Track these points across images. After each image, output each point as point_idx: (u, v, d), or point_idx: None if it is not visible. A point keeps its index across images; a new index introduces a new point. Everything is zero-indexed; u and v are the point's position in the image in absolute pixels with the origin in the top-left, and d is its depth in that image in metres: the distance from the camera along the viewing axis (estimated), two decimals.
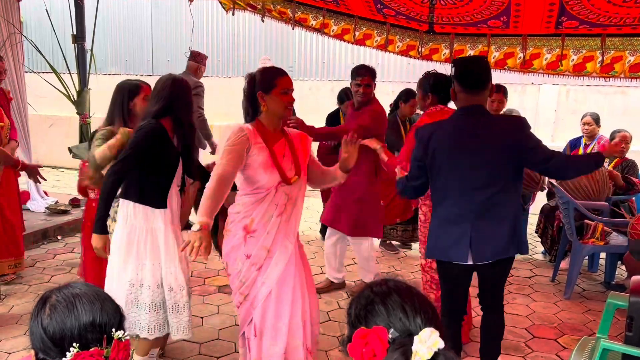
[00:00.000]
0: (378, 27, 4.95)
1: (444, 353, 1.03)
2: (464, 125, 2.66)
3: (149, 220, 2.79)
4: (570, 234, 4.49)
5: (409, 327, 1.09)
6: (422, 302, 1.15)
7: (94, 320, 1.24)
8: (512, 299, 4.35)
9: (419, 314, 1.11)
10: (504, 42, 4.77)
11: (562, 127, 7.03)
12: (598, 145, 5.42)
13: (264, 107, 2.58)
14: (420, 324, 1.09)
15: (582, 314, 4.10)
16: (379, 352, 1.04)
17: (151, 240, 2.79)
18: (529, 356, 3.46)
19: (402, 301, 1.13)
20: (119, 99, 3.11)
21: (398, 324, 1.09)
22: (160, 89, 2.82)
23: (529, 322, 3.94)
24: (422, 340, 1.02)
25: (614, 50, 4.37)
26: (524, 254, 2.71)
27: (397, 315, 1.11)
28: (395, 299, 1.13)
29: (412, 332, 1.07)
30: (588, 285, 4.72)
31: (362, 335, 1.07)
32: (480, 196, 2.57)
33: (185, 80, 2.92)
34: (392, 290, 1.16)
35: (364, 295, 1.20)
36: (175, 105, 2.79)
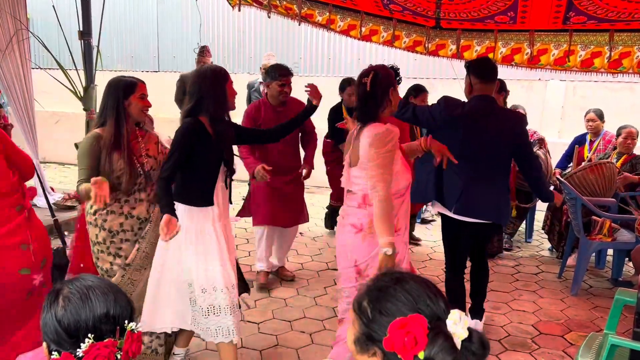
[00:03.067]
0: (384, 23, 4.93)
1: (474, 330, 1.07)
2: (480, 109, 3.28)
3: (198, 221, 2.72)
4: (578, 230, 4.47)
5: (436, 312, 1.09)
6: (435, 287, 1.15)
7: (108, 312, 1.26)
8: (518, 296, 4.34)
9: (440, 297, 1.12)
10: (511, 38, 4.74)
11: (569, 123, 6.99)
12: (603, 141, 5.39)
13: (393, 104, 2.65)
14: (444, 307, 1.10)
15: (589, 311, 4.09)
16: (420, 340, 1.03)
17: (202, 241, 2.72)
18: (535, 352, 3.45)
19: (421, 287, 1.13)
20: (112, 97, 2.72)
21: (427, 310, 1.09)
22: (190, 86, 2.79)
23: (536, 319, 3.93)
24: (456, 321, 1.05)
25: (622, 46, 4.34)
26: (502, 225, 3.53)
27: (424, 301, 1.10)
28: (415, 286, 1.13)
29: (439, 316, 1.08)
30: (595, 281, 4.70)
31: (402, 325, 1.05)
32: (478, 168, 3.23)
33: (215, 72, 2.77)
34: (408, 278, 1.15)
35: (376, 287, 1.17)
36: (207, 101, 2.71)
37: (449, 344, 1.03)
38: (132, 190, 2.76)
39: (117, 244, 2.78)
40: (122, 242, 2.79)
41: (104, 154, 2.64)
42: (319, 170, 5.04)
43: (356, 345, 1.16)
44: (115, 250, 2.79)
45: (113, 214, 2.75)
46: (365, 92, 2.61)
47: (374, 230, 2.55)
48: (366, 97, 2.61)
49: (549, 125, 7.02)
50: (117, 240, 2.78)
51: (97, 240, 2.79)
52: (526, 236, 5.83)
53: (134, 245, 2.81)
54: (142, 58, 9.31)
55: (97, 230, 2.77)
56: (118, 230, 2.77)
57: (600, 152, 5.36)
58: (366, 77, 2.61)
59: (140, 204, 2.80)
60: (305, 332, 3.64)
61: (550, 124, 7.04)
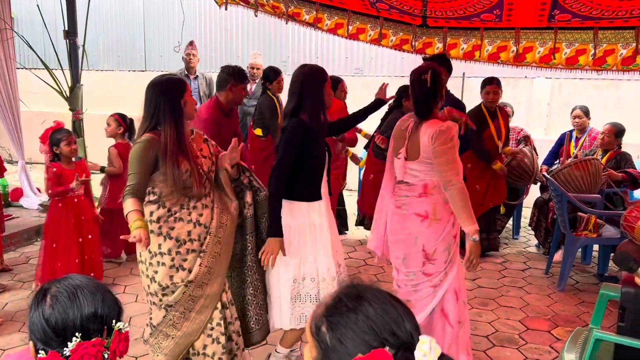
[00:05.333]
0: (371, 22, 4.95)
1: (445, 358, 0.96)
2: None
3: (308, 215, 2.83)
4: (564, 226, 4.51)
5: (403, 339, 0.96)
6: (400, 303, 1.03)
7: (96, 311, 1.26)
8: (506, 292, 4.37)
9: (406, 318, 0.99)
10: (497, 36, 4.78)
11: (555, 120, 7.05)
12: (589, 137, 5.44)
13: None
14: (411, 331, 0.98)
15: (576, 306, 4.13)
16: None
17: (310, 234, 2.83)
18: (522, 348, 3.49)
19: (385, 309, 0.99)
20: (168, 98, 2.50)
21: (392, 339, 0.96)
22: (291, 85, 2.84)
23: (523, 315, 3.96)
24: (426, 352, 0.92)
25: (606, 44, 4.39)
26: None
27: (389, 327, 0.97)
28: (377, 309, 0.99)
29: (406, 343, 0.96)
30: (581, 277, 4.75)
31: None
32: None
33: (313, 70, 2.84)
34: (370, 299, 1.01)
35: (336, 310, 1.02)
36: (306, 101, 2.78)
37: None
38: (202, 194, 2.59)
39: (183, 255, 2.51)
40: (188, 252, 2.52)
41: (166, 159, 2.43)
42: None
43: None
44: (179, 263, 2.51)
45: (181, 221, 2.51)
46: (427, 89, 2.74)
47: (439, 217, 2.78)
48: (427, 94, 2.75)
49: (536, 122, 7.07)
50: (182, 250, 2.51)
51: (159, 250, 2.49)
52: (513, 233, 5.87)
53: (198, 257, 2.56)
54: (128, 57, 9.25)
55: (162, 239, 2.49)
56: (185, 240, 2.52)
57: (586, 149, 5.40)
58: (426, 74, 2.74)
59: (206, 210, 2.58)
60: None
61: (537, 121, 7.10)
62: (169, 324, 2.56)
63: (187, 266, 2.52)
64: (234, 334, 2.74)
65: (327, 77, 2.87)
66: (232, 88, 3.97)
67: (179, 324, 2.56)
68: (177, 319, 2.55)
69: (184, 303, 2.54)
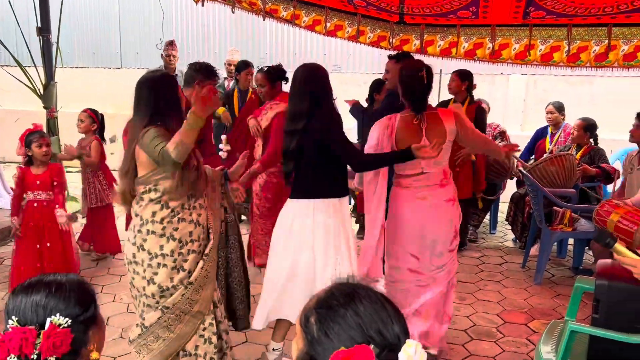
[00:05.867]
0: (349, 18, 4.95)
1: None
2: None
3: (342, 211, 2.92)
4: (540, 220, 4.58)
5: (389, 340, 0.97)
6: (393, 306, 1.03)
7: (40, 302, 1.24)
8: (483, 286, 4.42)
9: (395, 322, 0.99)
10: (473, 33, 4.82)
11: (531, 116, 7.14)
12: (564, 133, 5.53)
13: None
14: (399, 334, 0.98)
15: (552, 299, 4.20)
16: None
17: (343, 230, 2.89)
18: (500, 341, 3.53)
19: (375, 309, 1.00)
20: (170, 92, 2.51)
21: (378, 338, 0.96)
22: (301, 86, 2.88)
23: (500, 308, 4.02)
24: (410, 356, 0.92)
25: (579, 40, 4.46)
26: None
27: (376, 326, 0.98)
28: (367, 307, 1.00)
29: (392, 344, 0.96)
30: (557, 270, 4.83)
31: (345, 357, 0.91)
32: None
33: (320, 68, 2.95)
34: (361, 296, 1.02)
35: (326, 304, 1.03)
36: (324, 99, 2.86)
37: None
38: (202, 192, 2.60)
39: (184, 256, 2.50)
40: (189, 253, 2.51)
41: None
42: None
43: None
44: (180, 264, 2.49)
45: (184, 221, 2.49)
46: (424, 85, 2.99)
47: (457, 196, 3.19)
48: (424, 90, 3.01)
49: (511, 118, 7.16)
50: (184, 251, 2.50)
51: (161, 252, 2.45)
52: (490, 227, 5.94)
53: (201, 259, 2.56)
54: (104, 54, 9.11)
55: (165, 240, 2.45)
56: (187, 240, 2.50)
57: (561, 144, 5.49)
58: (421, 72, 2.97)
59: (202, 210, 2.59)
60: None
61: (513, 117, 7.19)
62: (162, 325, 2.50)
63: (187, 267, 2.50)
64: (224, 332, 2.72)
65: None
66: (200, 85, 3.91)
67: (173, 326, 2.52)
68: (172, 321, 2.51)
69: (181, 306, 2.50)
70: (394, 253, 3.20)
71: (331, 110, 2.90)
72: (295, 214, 2.88)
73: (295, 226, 2.86)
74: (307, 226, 2.83)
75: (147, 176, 2.45)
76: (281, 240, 2.93)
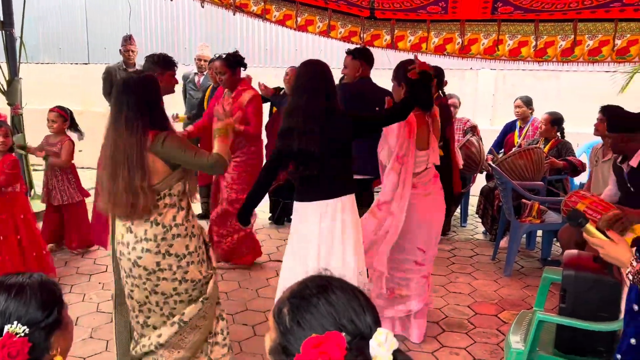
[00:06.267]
0: (320, 13, 4.94)
1: (401, 353, 0.98)
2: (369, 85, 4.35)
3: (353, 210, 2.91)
4: (509, 213, 4.66)
5: (361, 328, 0.99)
6: (365, 298, 1.05)
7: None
8: (454, 278, 4.48)
9: (367, 312, 1.01)
10: (442, 28, 4.86)
11: (500, 111, 7.24)
12: (532, 127, 5.63)
13: None
14: (370, 324, 1.00)
15: (521, 290, 4.28)
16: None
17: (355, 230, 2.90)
18: (471, 332, 3.59)
19: (348, 299, 1.02)
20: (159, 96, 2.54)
21: (350, 326, 0.98)
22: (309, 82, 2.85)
23: (472, 300, 4.08)
24: (380, 343, 0.94)
25: (546, 36, 4.53)
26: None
27: (348, 315, 0.99)
28: (341, 297, 1.02)
29: (363, 333, 0.98)
30: (526, 262, 4.92)
31: (317, 343, 0.93)
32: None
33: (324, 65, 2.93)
34: (335, 287, 1.04)
35: (299, 294, 1.05)
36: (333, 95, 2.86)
37: None
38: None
39: (202, 248, 2.63)
40: (203, 244, 2.65)
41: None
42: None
43: (271, 355, 1.06)
44: (202, 256, 2.61)
45: (194, 217, 2.63)
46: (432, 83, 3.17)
47: None
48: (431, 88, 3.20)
49: (481, 113, 7.25)
50: (201, 243, 2.62)
51: (189, 251, 2.52)
52: (461, 221, 6.02)
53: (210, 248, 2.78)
54: (70, 49, 8.91)
55: (189, 240, 2.52)
56: (199, 234, 2.62)
57: (529, 138, 5.59)
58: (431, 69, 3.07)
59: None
60: (248, 324, 3.63)
61: (482, 112, 7.28)
62: (200, 315, 2.60)
63: (206, 257, 2.65)
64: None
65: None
66: (159, 77, 3.85)
67: (208, 313, 2.65)
68: (207, 309, 2.63)
69: (213, 292, 2.66)
70: (401, 248, 3.30)
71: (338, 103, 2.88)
72: (322, 214, 2.79)
73: (325, 226, 2.79)
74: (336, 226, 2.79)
75: (163, 182, 2.44)
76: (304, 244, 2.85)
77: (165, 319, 2.58)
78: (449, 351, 3.35)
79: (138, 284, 2.51)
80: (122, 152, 2.37)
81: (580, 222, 1.62)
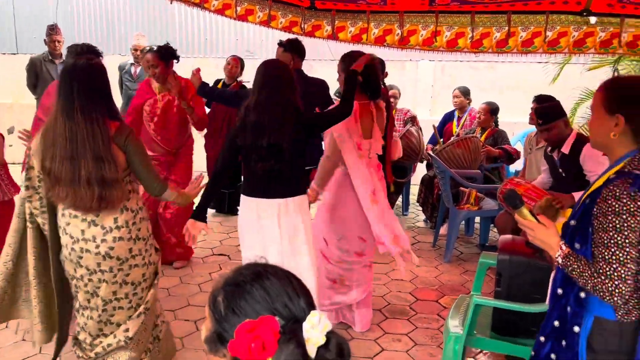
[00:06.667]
0: (260, 3, 4.86)
1: (334, 334, 0.98)
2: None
3: (307, 207, 2.97)
4: (447, 200, 4.77)
5: (294, 312, 1.00)
6: (300, 283, 1.07)
7: None
8: (396, 266, 4.53)
9: (301, 296, 1.03)
10: (382, 19, 4.89)
11: (439, 101, 7.40)
12: (469, 116, 5.78)
13: None
14: (305, 308, 1.01)
15: (460, 275, 4.40)
16: (269, 345, 0.92)
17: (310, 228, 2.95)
18: (413, 318, 3.66)
19: (282, 284, 1.03)
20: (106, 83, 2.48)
21: (284, 311, 1.00)
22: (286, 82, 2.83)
23: (413, 287, 4.16)
24: (314, 324, 0.95)
25: (482, 27, 4.64)
26: None
27: (282, 300, 1.01)
28: (275, 282, 1.03)
29: (297, 317, 0.99)
30: (465, 248, 5.06)
31: (250, 328, 0.94)
32: None
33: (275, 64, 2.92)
34: (269, 273, 1.05)
35: (234, 282, 1.05)
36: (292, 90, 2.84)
37: (300, 351, 0.93)
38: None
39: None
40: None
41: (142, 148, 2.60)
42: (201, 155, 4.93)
43: (207, 344, 1.07)
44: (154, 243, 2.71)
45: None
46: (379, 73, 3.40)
47: None
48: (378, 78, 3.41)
49: (421, 103, 7.39)
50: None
51: (149, 232, 2.62)
52: (403, 209, 6.12)
53: None
54: None
55: (147, 221, 2.61)
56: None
57: (467, 128, 5.73)
58: (375, 60, 3.31)
59: None
60: (190, 319, 3.57)
61: (422, 103, 7.42)
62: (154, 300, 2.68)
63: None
64: None
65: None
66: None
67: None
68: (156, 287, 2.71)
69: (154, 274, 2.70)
70: (342, 236, 3.36)
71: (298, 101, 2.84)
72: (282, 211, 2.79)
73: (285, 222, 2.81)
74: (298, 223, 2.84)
75: (126, 171, 2.46)
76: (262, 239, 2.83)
77: (132, 312, 2.55)
78: (392, 338, 3.41)
79: (107, 279, 2.45)
80: (82, 143, 2.27)
81: (516, 205, 1.67)
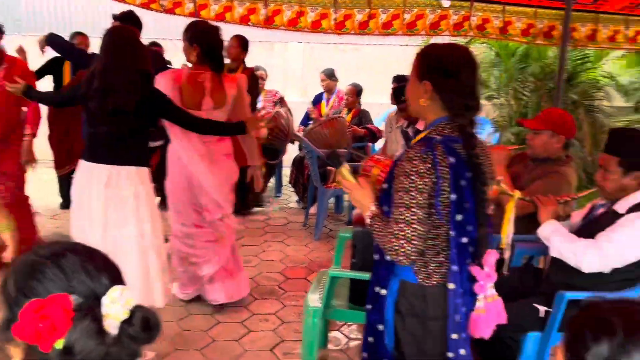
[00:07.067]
0: None
1: (141, 309, 0.95)
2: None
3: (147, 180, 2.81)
4: (316, 180, 4.84)
5: (95, 289, 0.94)
6: (104, 259, 1.01)
7: None
8: (267, 247, 4.55)
9: (103, 272, 0.97)
10: None
11: (310, 83, 7.47)
12: (337, 98, 5.89)
13: None
14: (107, 284, 0.95)
15: (328, 252, 4.48)
16: (61, 325, 0.86)
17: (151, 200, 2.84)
18: (282, 297, 3.67)
19: (81, 261, 0.96)
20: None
21: (82, 288, 0.93)
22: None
23: (283, 266, 4.17)
24: (114, 299, 0.92)
25: (344, 9, 4.75)
26: None
27: (79, 277, 0.94)
28: (72, 259, 0.96)
29: (98, 294, 0.93)
30: (334, 225, 5.17)
31: (37, 307, 0.86)
32: None
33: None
34: (67, 251, 0.98)
35: (26, 262, 0.97)
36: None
37: (95, 326, 0.89)
38: None
39: None
40: None
41: None
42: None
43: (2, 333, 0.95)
44: None
45: None
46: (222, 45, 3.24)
47: None
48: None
49: (291, 85, 7.42)
50: None
51: None
52: (275, 191, 6.13)
53: None
54: None
55: None
56: None
57: (336, 109, 5.85)
58: (220, 32, 3.18)
59: None
60: None
61: (292, 85, 7.46)
62: None
63: None
64: None
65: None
66: None
67: None
68: None
69: None
70: (177, 210, 3.27)
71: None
72: (99, 179, 2.64)
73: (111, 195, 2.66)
74: (138, 195, 2.70)
75: None
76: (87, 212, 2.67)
77: None
78: (259, 318, 3.39)
79: None
80: None
81: (336, 165, 1.76)
